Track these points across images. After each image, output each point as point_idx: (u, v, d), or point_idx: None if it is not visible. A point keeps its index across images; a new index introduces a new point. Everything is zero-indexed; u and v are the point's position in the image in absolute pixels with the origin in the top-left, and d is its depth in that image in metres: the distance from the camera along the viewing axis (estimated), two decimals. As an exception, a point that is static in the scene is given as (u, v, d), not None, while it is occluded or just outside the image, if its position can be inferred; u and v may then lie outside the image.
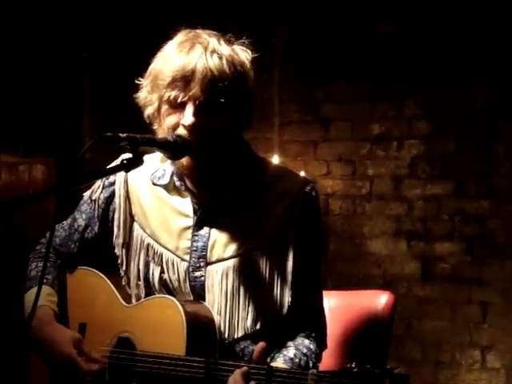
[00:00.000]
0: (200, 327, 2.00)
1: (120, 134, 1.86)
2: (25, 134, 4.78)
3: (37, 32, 4.80)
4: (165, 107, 2.02)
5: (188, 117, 1.98)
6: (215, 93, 1.98)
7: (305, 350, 2.05)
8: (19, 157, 4.83)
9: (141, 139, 1.89)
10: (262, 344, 1.90)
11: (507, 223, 4.46)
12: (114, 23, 5.07)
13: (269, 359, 1.99)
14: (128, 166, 1.90)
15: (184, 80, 1.97)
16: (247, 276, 2.06)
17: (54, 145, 4.89)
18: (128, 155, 1.91)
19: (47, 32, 4.85)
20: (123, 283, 2.18)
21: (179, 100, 1.98)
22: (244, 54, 2.05)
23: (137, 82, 2.09)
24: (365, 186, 4.82)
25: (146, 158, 1.94)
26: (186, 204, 2.12)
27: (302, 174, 4.78)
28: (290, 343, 2.06)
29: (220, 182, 2.09)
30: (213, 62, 1.98)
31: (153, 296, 2.11)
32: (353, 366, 1.74)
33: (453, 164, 4.60)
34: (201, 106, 1.98)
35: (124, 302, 2.14)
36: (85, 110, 5.09)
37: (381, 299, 2.46)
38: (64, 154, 4.79)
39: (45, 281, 2.15)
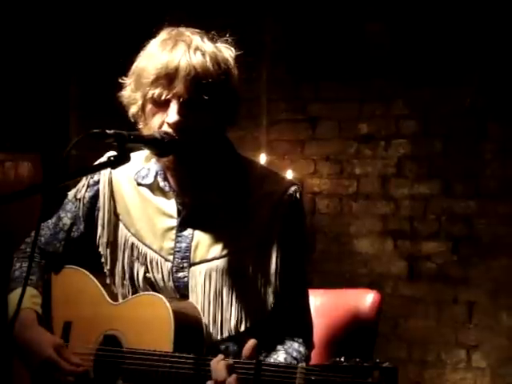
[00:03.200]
0: (187, 324, 2.00)
1: (107, 131, 1.85)
2: (11, 130, 4.76)
3: (24, 30, 4.78)
4: (149, 106, 2.01)
5: (172, 115, 1.97)
6: (199, 90, 1.97)
7: (295, 354, 2.05)
8: (5, 154, 4.81)
9: (128, 136, 1.88)
10: (253, 340, 1.90)
11: (494, 223, 4.47)
12: (103, 21, 5.05)
13: None
14: (115, 163, 1.88)
15: (167, 78, 1.96)
16: (230, 277, 2.06)
17: (41, 142, 4.87)
18: (113, 153, 1.90)
19: (35, 29, 4.83)
20: (108, 282, 2.17)
21: (163, 97, 1.97)
22: (227, 52, 2.05)
23: (120, 80, 2.08)
24: (352, 185, 4.82)
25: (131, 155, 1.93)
26: (170, 205, 2.11)
27: (289, 172, 4.78)
28: (279, 347, 2.05)
29: (204, 183, 2.08)
30: (196, 60, 1.97)
31: (140, 293, 2.11)
32: (342, 359, 1.74)
33: (440, 164, 4.61)
34: (185, 104, 1.97)
35: (111, 300, 2.14)
36: (72, 107, 5.08)
37: (367, 298, 2.46)
38: (50, 152, 4.77)
39: (29, 282, 2.12)
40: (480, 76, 4.49)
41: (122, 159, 1.88)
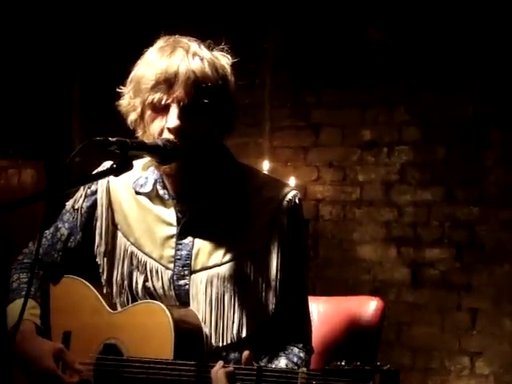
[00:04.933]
0: (188, 332, 2.00)
1: (110, 138, 1.85)
2: (15, 137, 4.76)
3: (27, 36, 4.80)
4: (148, 112, 2.01)
5: (172, 119, 1.98)
6: (198, 94, 1.98)
7: (295, 359, 2.05)
8: (8, 161, 4.82)
9: (131, 143, 1.88)
10: (247, 352, 1.90)
11: (496, 230, 4.47)
12: (105, 27, 5.06)
13: None
14: (118, 170, 1.88)
15: (167, 83, 1.97)
16: (232, 284, 2.06)
17: (44, 149, 4.88)
18: (110, 162, 1.90)
19: (38, 35, 4.84)
20: (105, 292, 2.17)
21: (163, 102, 1.98)
22: (224, 59, 2.06)
23: (118, 89, 2.08)
24: (355, 191, 4.82)
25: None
26: (169, 213, 2.11)
27: (292, 179, 4.79)
28: (280, 353, 2.05)
29: (204, 190, 2.08)
30: (195, 64, 1.98)
31: (139, 302, 2.11)
32: (343, 363, 1.74)
33: (443, 170, 4.61)
34: (185, 108, 1.98)
35: (110, 309, 2.13)
36: (74, 114, 5.09)
37: (370, 305, 2.46)
38: (54, 158, 4.78)
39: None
40: (482, 83, 4.49)
41: (124, 167, 1.88)
